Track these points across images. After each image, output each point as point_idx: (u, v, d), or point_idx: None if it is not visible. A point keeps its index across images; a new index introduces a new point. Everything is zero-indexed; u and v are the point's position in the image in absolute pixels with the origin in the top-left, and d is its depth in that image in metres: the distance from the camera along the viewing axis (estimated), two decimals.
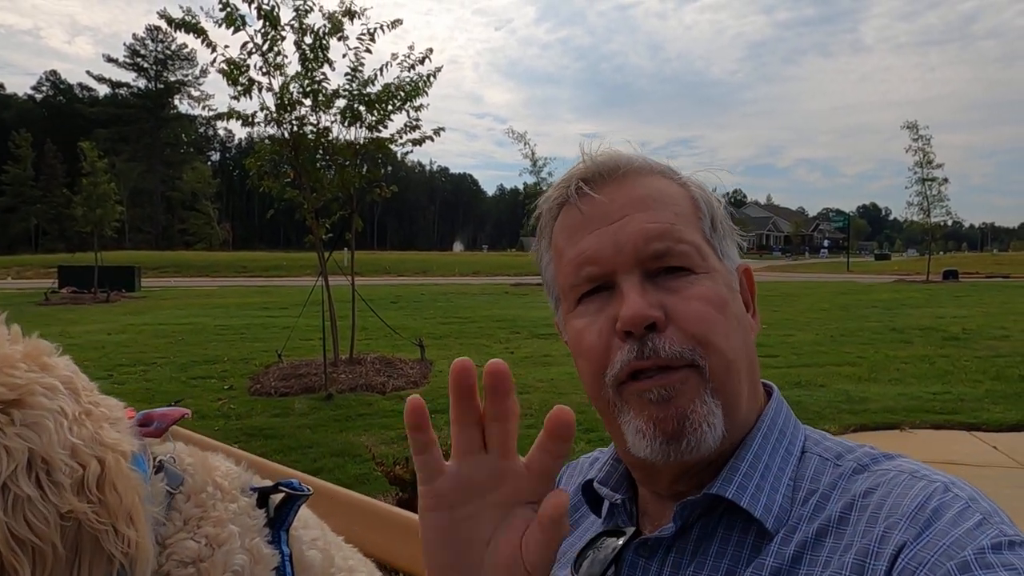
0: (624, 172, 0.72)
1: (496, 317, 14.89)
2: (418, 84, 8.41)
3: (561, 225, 0.75)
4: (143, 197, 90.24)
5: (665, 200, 0.71)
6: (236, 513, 0.81)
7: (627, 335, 0.66)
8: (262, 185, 8.47)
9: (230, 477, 0.86)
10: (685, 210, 0.71)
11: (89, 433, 0.69)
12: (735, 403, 0.67)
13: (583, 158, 0.75)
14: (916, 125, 27.29)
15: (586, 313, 0.71)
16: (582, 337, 0.70)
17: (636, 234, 0.68)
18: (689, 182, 0.75)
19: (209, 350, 10.43)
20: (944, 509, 0.57)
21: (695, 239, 0.70)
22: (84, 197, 21.93)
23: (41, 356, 0.72)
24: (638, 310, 0.64)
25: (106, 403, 0.77)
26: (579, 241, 0.71)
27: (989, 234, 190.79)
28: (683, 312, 0.66)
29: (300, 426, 6.12)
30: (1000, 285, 25.32)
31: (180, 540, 0.76)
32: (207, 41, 7.65)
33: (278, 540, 0.84)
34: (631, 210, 0.70)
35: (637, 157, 0.74)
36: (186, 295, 23.29)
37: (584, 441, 5.55)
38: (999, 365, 8.50)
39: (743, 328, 0.71)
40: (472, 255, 74.76)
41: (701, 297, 0.67)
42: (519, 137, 28.78)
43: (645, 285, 0.67)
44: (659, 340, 0.65)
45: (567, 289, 0.73)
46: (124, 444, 0.72)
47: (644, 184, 0.72)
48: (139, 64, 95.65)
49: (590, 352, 0.70)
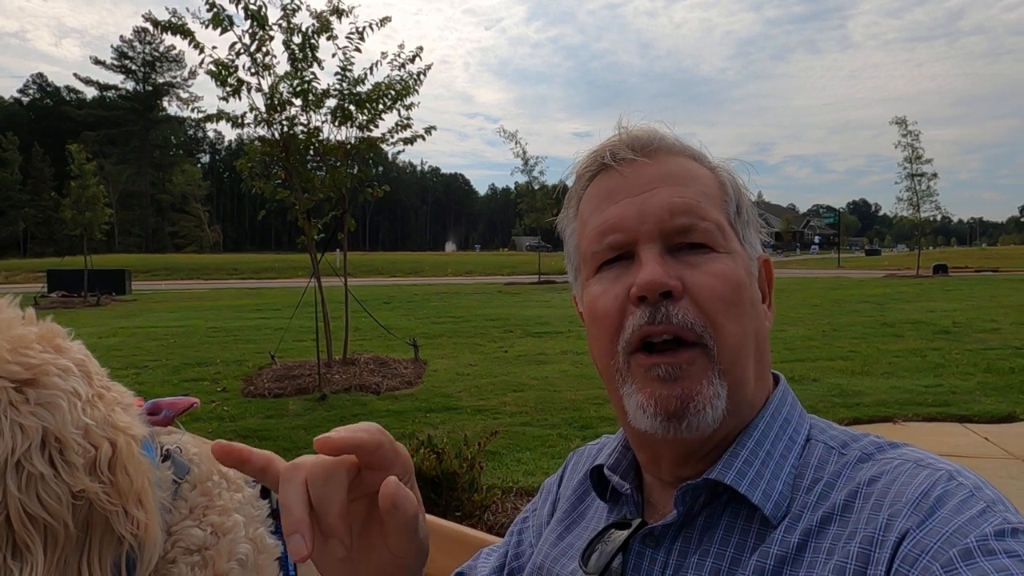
0: (656, 148, 0.73)
1: (490, 316, 14.89)
2: (408, 83, 8.39)
3: (589, 194, 0.76)
4: (132, 200, 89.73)
5: (694, 178, 0.72)
6: (241, 503, 0.82)
7: (641, 300, 0.66)
8: (253, 187, 8.43)
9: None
10: (712, 191, 0.72)
11: (101, 415, 0.70)
12: (741, 386, 0.68)
13: (619, 130, 0.76)
14: (905, 121, 27.52)
15: (604, 280, 0.72)
16: (597, 303, 0.71)
17: (661, 206, 0.69)
18: (719, 167, 0.76)
19: (201, 352, 10.38)
20: (948, 497, 0.57)
21: (719, 219, 0.71)
22: (72, 200, 21.82)
23: (55, 338, 0.73)
24: (655, 276, 0.65)
25: (116, 389, 0.78)
26: (605, 210, 0.72)
27: (978, 229, 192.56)
28: (699, 285, 0.67)
29: (294, 427, 6.10)
30: (989, 279, 25.55)
31: (186, 528, 0.76)
32: (194, 42, 7.61)
33: (281, 531, 0.84)
34: (659, 183, 0.71)
35: (671, 136, 0.75)
36: (177, 298, 23.18)
37: (579, 439, 5.56)
38: (989, 358, 8.56)
39: (756, 314, 0.71)
40: (464, 255, 74.78)
41: (719, 274, 0.67)
42: (510, 136, 28.88)
43: (665, 256, 0.68)
44: (673, 307, 0.65)
45: (588, 256, 0.74)
46: (135, 428, 0.73)
47: (674, 162, 0.73)
48: (127, 66, 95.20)
49: (604, 317, 0.70)
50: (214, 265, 44.59)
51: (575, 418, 6.17)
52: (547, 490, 0.94)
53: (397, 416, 6.43)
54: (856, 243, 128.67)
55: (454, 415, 6.43)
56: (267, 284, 31.67)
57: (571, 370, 8.37)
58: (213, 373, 8.69)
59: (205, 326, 13.82)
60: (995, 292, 18.46)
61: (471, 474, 3.48)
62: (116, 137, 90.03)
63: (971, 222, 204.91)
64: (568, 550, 0.79)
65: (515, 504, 4.03)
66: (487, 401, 6.94)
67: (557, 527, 0.84)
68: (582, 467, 0.89)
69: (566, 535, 0.82)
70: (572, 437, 5.61)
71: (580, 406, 6.60)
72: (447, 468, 3.34)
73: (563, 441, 5.50)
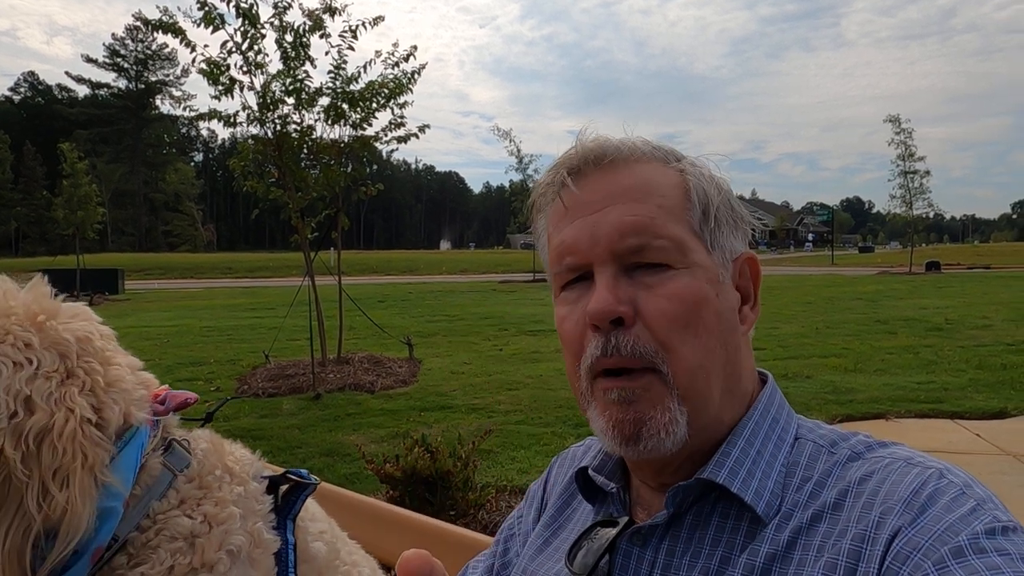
0: (612, 160, 0.71)
1: (484, 314, 14.88)
2: (402, 81, 8.37)
3: (551, 211, 0.75)
4: (125, 199, 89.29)
5: (650, 190, 0.70)
6: (242, 496, 0.81)
7: (595, 328, 0.66)
8: (246, 185, 8.40)
9: (242, 463, 0.86)
10: (672, 201, 0.70)
11: (48, 389, 0.71)
12: (703, 407, 0.67)
13: (576, 143, 0.74)
14: (898, 118, 27.60)
15: (567, 301, 0.72)
16: (563, 326, 0.72)
17: (612, 226, 0.68)
18: (686, 168, 0.72)
19: (195, 352, 10.34)
20: (939, 495, 0.57)
21: (676, 233, 0.68)
22: (65, 199, 21.70)
23: (39, 316, 0.76)
24: (603, 305, 0.65)
25: (116, 375, 0.79)
26: (562, 230, 0.72)
27: (970, 226, 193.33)
28: (651, 310, 0.66)
29: (288, 426, 6.08)
30: (981, 276, 25.65)
31: (173, 517, 0.76)
32: (186, 41, 7.57)
33: (283, 528, 0.84)
34: (612, 201, 0.69)
35: (628, 143, 0.72)
36: (171, 297, 23.07)
37: (574, 437, 5.56)
38: (981, 354, 8.61)
39: (723, 326, 0.69)
40: (459, 253, 74.68)
41: (673, 296, 0.66)
42: (505, 134, 28.76)
43: (619, 278, 0.67)
44: (623, 337, 0.65)
45: (552, 276, 0.75)
46: (86, 409, 0.73)
47: (632, 173, 0.71)
48: (119, 64, 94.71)
49: (568, 341, 0.71)
50: (208, 264, 44.39)
51: (569, 416, 6.17)
52: (532, 495, 0.94)
53: (391, 415, 6.42)
54: (850, 240, 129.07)
55: (448, 414, 6.43)
56: (261, 283, 31.56)
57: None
58: (207, 372, 8.66)
59: (199, 325, 13.76)
60: (987, 289, 18.55)
61: (465, 473, 3.48)
62: (108, 136, 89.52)
63: (963, 219, 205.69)
64: (554, 554, 0.79)
65: (509, 503, 4.03)
66: (481, 400, 6.94)
67: (544, 532, 0.84)
68: (566, 471, 0.89)
69: (552, 539, 0.82)
70: (566, 435, 5.61)
71: (574, 404, 6.42)
72: (441, 467, 3.34)
73: (557, 439, 5.50)
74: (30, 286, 0.80)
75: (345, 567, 0.91)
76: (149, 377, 0.86)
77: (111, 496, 0.73)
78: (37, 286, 0.80)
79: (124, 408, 0.77)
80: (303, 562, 0.85)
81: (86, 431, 0.72)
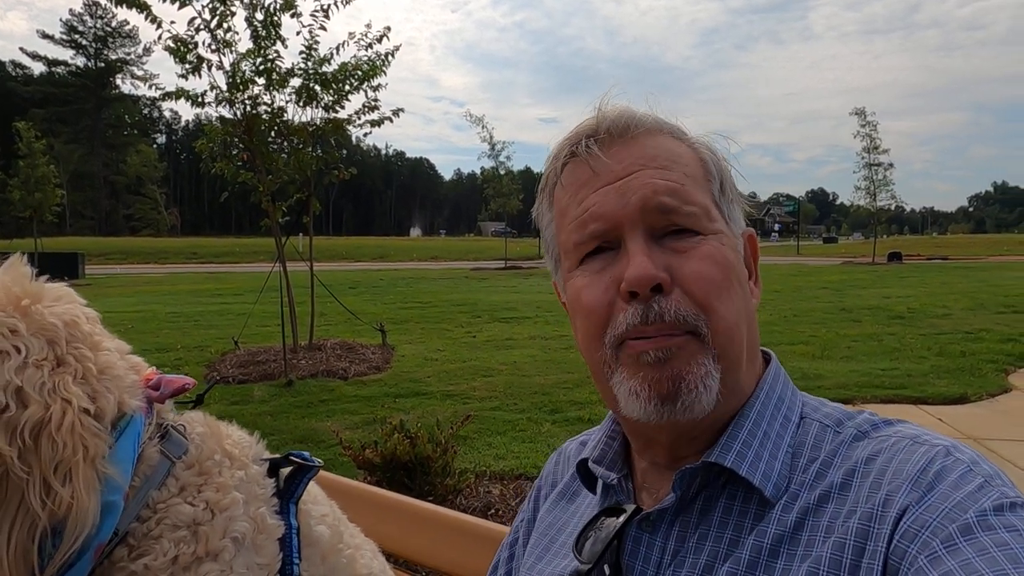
0: (634, 134, 0.70)
1: (457, 301, 14.83)
2: (376, 63, 8.23)
3: (565, 183, 0.73)
4: (85, 181, 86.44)
5: (676, 160, 0.70)
6: (243, 481, 0.79)
7: (632, 296, 0.64)
8: (215, 167, 8.19)
9: (241, 446, 0.84)
10: (695, 172, 0.70)
11: (40, 378, 0.67)
12: (735, 369, 0.67)
13: (596, 113, 0.73)
14: (864, 111, 28.17)
15: (588, 272, 0.70)
16: (582, 295, 0.69)
17: (644, 187, 0.67)
18: (699, 144, 0.74)
19: (161, 338, 10.11)
20: (946, 473, 0.57)
21: (703, 200, 0.69)
22: (21, 180, 21.00)
23: (23, 300, 0.71)
24: (644, 271, 0.64)
25: (107, 361, 0.75)
26: (584, 198, 0.70)
27: (929, 218, 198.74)
28: (688, 274, 0.65)
29: (260, 413, 5.99)
30: (940, 266, 26.43)
31: (174, 505, 0.73)
32: (151, 17, 7.32)
33: (286, 512, 0.82)
34: (639, 166, 0.68)
35: (648, 116, 0.73)
36: (134, 282, 22.49)
37: (549, 423, 5.59)
38: (942, 342, 8.87)
39: (744, 294, 0.70)
40: (430, 240, 74.31)
41: (707, 258, 0.66)
42: (477, 121, 28.68)
43: (651, 245, 0.66)
44: (665, 303, 0.64)
45: (570, 247, 0.72)
46: (81, 399, 0.69)
47: (655, 143, 0.71)
48: (77, 41, 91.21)
49: (591, 311, 0.68)
50: (172, 249, 43.41)
51: (544, 402, 6.19)
52: (536, 492, 0.93)
53: (366, 401, 6.36)
54: (815, 231, 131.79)
55: (423, 400, 6.40)
56: (228, 268, 30.95)
57: (539, 355, 8.40)
58: (174, 359, 8.47)
59: (164, 311, 13.45)
60: (946, 279, 19.12)
61: (444, 459, 3.47)
62: (66, 115, 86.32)
63: (923, 211, 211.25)
64: (560, 550, 0.78)
65: (487, 488, 4.04)
66: (456, 386, 6.93)
67: (542, 539, 0.83)
68: (567, 467, 0.88)
69: (558, 536, 0.81)
70: (542, 421, 5.63)
71: (549, 390, 6.63)
72: (421, 453, 3.32)
73: (533, 425, 5.52)
74: (8, 266, 0.75)
75: (349, 550, 0.89)
76: (138, 360, 0.83)
77: (111, 490, 0.69)
78: (16, 266, 0.75)
79: (118, 396, 0.74)
80: (307, 546, 0.83)
81: (84, 422, 0.68)
